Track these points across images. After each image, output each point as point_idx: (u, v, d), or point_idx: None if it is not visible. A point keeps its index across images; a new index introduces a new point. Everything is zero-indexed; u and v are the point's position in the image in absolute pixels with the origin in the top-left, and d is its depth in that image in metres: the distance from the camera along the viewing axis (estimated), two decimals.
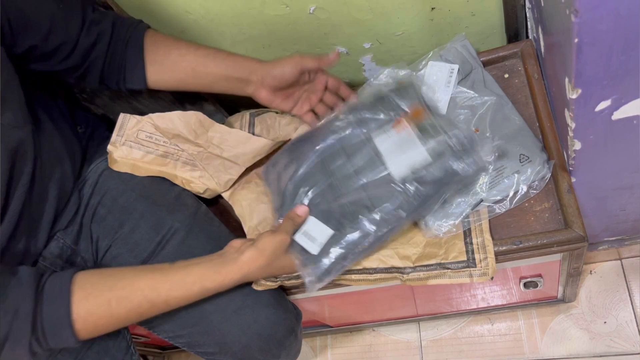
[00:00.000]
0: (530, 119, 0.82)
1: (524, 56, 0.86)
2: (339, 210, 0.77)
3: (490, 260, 0.73)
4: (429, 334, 1.27)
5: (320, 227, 0.77)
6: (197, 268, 0.70)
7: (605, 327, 1.13)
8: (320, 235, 0.76)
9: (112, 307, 0.65)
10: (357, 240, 0.76)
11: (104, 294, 0.65)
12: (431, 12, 0.89)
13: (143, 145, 0.88)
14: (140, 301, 0.67)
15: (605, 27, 0.46)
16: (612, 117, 0.60)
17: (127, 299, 0.66)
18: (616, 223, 0.97)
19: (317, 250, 0.76)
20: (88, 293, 0.65)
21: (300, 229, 0.76)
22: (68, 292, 0.64)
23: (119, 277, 0.68)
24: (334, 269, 0.76)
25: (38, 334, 0.62)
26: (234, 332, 0.79)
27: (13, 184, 0.70)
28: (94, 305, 0.65)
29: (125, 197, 0.84)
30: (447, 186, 0.75)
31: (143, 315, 0.69)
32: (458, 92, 0.86)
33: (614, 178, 0.77)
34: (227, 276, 0.70)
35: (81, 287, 0.65)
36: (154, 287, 0.68)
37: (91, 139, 0.90)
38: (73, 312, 0.63)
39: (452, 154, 0.75)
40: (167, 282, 0.68)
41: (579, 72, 0.52)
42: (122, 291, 0.66)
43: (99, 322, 0.65)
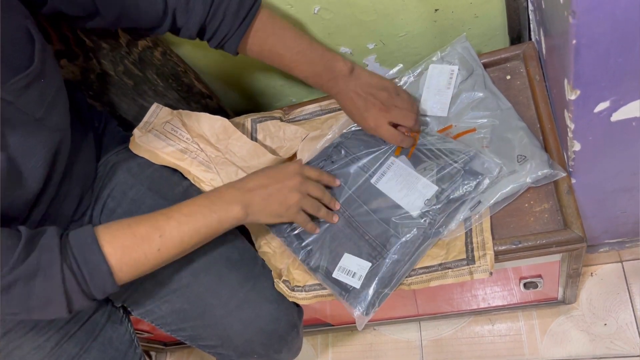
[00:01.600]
0: (531, 121, 0.83)
1: (526, 58, 0.87)
2: (367, 245, 0.80)
3: (489, 256, 0.73)
4: (429, 334, 1.28)
5: (355, 260, 0.79)
6: (201, 196, 0.74)
7: (605, 329, 1.13)
8: (359, 269, 0.78)
9: (131, 227, 0.66)
10: (393, 266, 0.77)
11: (122, 221, 0.67)
12: (434, 13, 0.89)
13: (166, 136, 0.91)
14: (156, 217, 0.68)
15: (603, 29, 0.46)
16: (611, 119, 0.61)
17: (143, 219, 0.68)
18: (616, 225, 0.97)
19: (359, 284, 0.77)
20: (108, 225, 0.66)
21: (337, 266, 0.79)
22: (90, 228, 0.65)
23: (135, 216, 0.70)
24: (378, 300, 0.77)
25: (70, 261, 0.61)
26: (236, 326, 0.80)
27: (47, 184, 0.72)
28: (116, 228, 0.66)
29: (134, 191, 0.85)
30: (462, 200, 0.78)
31: (162, 231, 0.68)
32: (459, 93, 0.87)
33: (614, 180, 0.78)
34: (227, 193, 0.73)
35: (103, 226, 0.66)
36: (165, 208, 0.71)
37: (104, 134, 0.91)
38: (98, 236, 0.63)
39: (455, 173, 0.79)
40: (175, 208, 0.71)
41: (578, 74, 0.53)
42: (139, 217, 0.69)
43: (125, 242, 0.65)
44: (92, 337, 0.81)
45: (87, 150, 0.84)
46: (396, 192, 0.82)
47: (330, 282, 0.80)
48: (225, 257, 0.82)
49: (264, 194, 0.74)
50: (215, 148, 0.91)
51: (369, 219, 0.81)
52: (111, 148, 0.90)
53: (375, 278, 0.77)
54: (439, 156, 0.82)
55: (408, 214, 0.79)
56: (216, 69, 1.05)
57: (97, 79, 0.99)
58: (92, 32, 0.90)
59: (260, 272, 0.84)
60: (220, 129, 0.91)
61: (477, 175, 0.78)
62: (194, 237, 0.70)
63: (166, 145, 0.90)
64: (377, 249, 0.79)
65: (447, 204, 0.78)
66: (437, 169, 0.81)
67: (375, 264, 0.78)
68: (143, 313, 0.84)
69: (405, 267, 0.77)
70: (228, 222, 0.72)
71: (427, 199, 0.79)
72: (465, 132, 0.85)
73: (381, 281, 0.77)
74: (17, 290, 0.57)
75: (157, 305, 0.82)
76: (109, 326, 0.84)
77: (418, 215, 0.79)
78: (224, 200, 0.72)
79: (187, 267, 0.81)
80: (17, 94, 0.62)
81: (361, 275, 0.78)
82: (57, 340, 0.79)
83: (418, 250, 0.78)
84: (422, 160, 0.83)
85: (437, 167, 0.81)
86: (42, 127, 0.67)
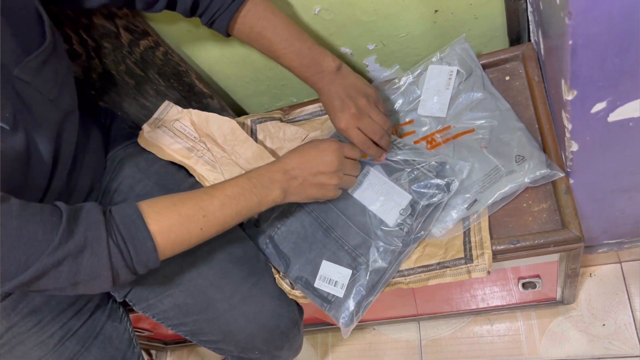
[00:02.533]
0: (530, 121, 0.83)
1: (525, 59, 0.87)
2: (346, 255, 0.81)
3: (487, 255, 0.74)
4: (428, 334, 1.28)
5: (335, 268, 0.80)
6: (241, 176, 0.74)
7: (604, 330, 1.14)
8: (340, 277, 0.79)
9: (176, 205, 0.66)
10: (374, 274, 0.79)
11: (166, 199, 0.67)
12: (434, 14, 0.90)
13: (175, 134, 0.93)
14: (200, 196, 0.68)
15: (599, 30, 0.47)
16: (608, 119, 0.61)
17: (187, 198, 0.68)
18: (615, 226, 0.98)
19: (342, 292, 0.79)
20: (151, 202, 0.66)
21: (317, 275, 0.80)
22: (134, 204, 0.65)
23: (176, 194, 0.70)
24: (361, 308, 0.78)
25: (116, 237, 0.61)
26: (239, 320, 0.80)
27: (58, 167, 0.72)
28: (162, 207, 0.66)
29: (141, 185, 0.86)
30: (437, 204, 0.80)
31: (205, 211, 0.68)
32: (457, 94, 0.88)
33: (612, 180, 0.78)
34: (267, 175, 0.74)
35: (144, 202, 0.66)
36: (209, 186, 0.71)
37: (110, 129, 0.92)
38: (143, 212, 0.64)
39: (427, 180, 0.82)
40: (222, 185, 0.71)
41: (574, 74, 0.54)
42: (181, 195, 0.68)
43: (170, 220, 0.65)
44: (93, 335, 0.82)
45: (95, 141, 0.84)
46: (373, 201, 0.83)
47: (311, 293, 0.81)
48: (229, 252, 0.83)
49: (303, 178, 0.75)
50: (222, 148, 0.93)
51: (348, 229, 0.83)
52: (118, 143, 0.91)
53: (357, 286, 0.78)
54: (411, 165, 0.83)
55: (385, 224, 0.81)
56: (217, 69, 1.05)
57: (99, 78, 1.00)
58: (94, 32, 0.91)
59: (263, 268, 0.85)
60: (228, 130, 0.93)
61: (448, 178, 0.80)
62: (235, 218, 0.71)
63: (174, 142, 0.92)
64: (357, 259, 0.81)
65: (422, 211, 0.79)
66: (410, 178, 0.82)
67: (356, 273, 0.79)
68: (145, 307, 0.84)
69: (387, 275, 0.79)
70: (267, 205, 0.73)
71: (402, 208, 0.81)
72: (464, 132, 0.85)
73: (364, 289, 0.78)
74: (66, 267, 0.58)
75: (160, 300, 0.82)
76: (109, 324, 0.85)
77: (395, 225, 0.80)
78: (265, 183, 0.73)
79: (190, 262, 0.82)
80: (34, 74, 0.62)
81: (343, 284, 0.79)
82: (60, 337, 0.79)
83: (399, 258, 0.79)
84: (395, 170, 0.84)
85: (409, 177, 0.82)
86: (55, 108, 0.68)
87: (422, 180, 0.81)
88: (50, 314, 0.79)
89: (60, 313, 0.80)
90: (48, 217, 0.57)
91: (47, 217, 0.57)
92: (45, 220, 0.57)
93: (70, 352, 0.80)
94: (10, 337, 0.78)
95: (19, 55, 0.60)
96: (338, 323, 0.78)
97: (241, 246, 0.86)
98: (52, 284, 0.58)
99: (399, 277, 0.79)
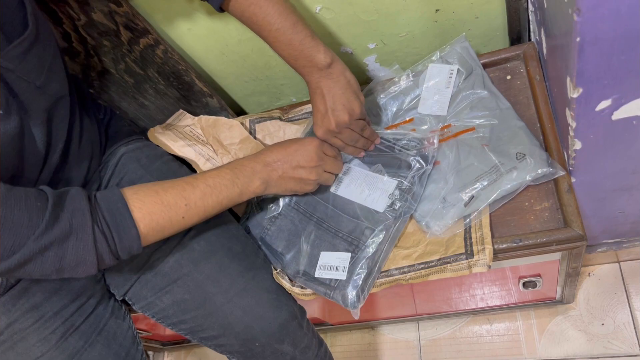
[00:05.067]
0: (531, 120, 0.84)
1: (526, 58, 0.87)
2: (342, 242, 0.83)
3: (487, 250, 0.74)
4: (427, 334, 1.28)
5: (334, 255, 0.82)
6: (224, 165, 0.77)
7: (602, 329, 1.14)
8: (340, 261, 0.81)
9: (159, 194, 0.68)
10: (374, 251, 0.80)
11: (149, 187, 0.69)
12: (435, 14, 0.90)
13: (184, 135, 0.97)
14: (182, 186, 0.71)
15: (607, 27, 0.47)
16: (612, 117, 0.61)
17: (170, 187, 0.70)
18: (615, 225, 0.98)
19: (344, 275, 0.80)
20: (135, 190, 0.68)
21: (316, 266, 0.82)
22: (118, 190, 0.66)
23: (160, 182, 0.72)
24: (367, 285, 0.79)
25: (100, 223, 0.62)
26: (236, 313, 0.80)
27: (49, 153, 0.72)
28: (144, 194, 0.67)
29: (143, 182, 0.85)
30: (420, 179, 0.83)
31: (187, 200, 0.70)
32: (458, 92, 0.88)
33: (613, 179, 0.78)
34: (248, 166, 0.76)
35: (128, 189, 0.67)
36: (191, 176, 0.74)
37: (109, 126, 0.91)
38: (128, 201, 0.65)
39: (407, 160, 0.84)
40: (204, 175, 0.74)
41: (581, 71, 0.54)
42: (164, 184, 0.70)
43: (153, 208, 0.67)
44: (97, 331, 0.81)
45: (90, 132, 0.84)
46: (358, 195, 0.86)
47: (313, 284, 0.81)
48: (227, 247, 0.83)
49: (283, 171, 0.78)
50: (226, 150, 0.95)
51: (338, 218, 0.85)
52: (119, 138, 0.91)
53: (358, 266, 0.79)
54: (391, 148, 0.87)
55: (375, 211, 0.83)
56: (217, 68, 1.05)
57: (98, 76, 0.99)
58: (93, 30, 0.90)
59: (262, 264, 0.85)
60: (232, 131, 0.97)
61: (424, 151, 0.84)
62: (216, 208, 0.73)
63: (184, 145, 0.96)
64: (353, 242, 0.82)
65: (408, 188, 0.82)
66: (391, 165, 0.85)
67: (355, 255, 0.80)
68: (144, 306, 0.84)
69: (385, 247, 0.80)
70: (248, 195, 0.76)
71: (390, 193, 0.83)
72: (464, 130, 0.85)
73: (366, 267, 0.79)
74: (51, 252, 0.59)
75: (158, 297, 0.82)
76: (112, 321, 0.84)
77: (385, 209, 0.82)
78: (246, 173, 0.76)
79: (188, 257, 0.82)
80: (17, 61, 0.62)
81: (344, 267, 0.80)
82: (62, 333, 0.78)
83: (392, 231, 0.81)
84: (376, 160, 0.87)
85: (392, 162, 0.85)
86: (43, 94, 0.67)
87: (405, 160, 0.84)
88: (52, 310, 0.78)
89: (61, 309, 0.79)
90: (33, 203, 0.58)
91: (32, 203, 0.58)
92: (31, 206, 0.58)
93: (74, 348, 0.79)
94: (11, 333, 0.77)
95: (1, 43, 0.60)
96: (346, 305, 0.79)
97: (240, 242, 0.86)
98: (37, 269, 0.59)
99: (399, 273, 0.79)
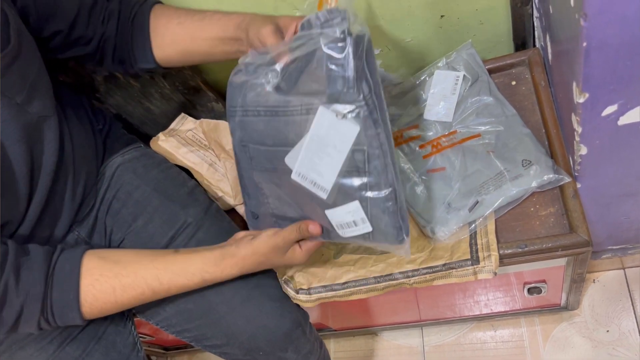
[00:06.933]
0: (536, 126, 0.84)
1: (531, 64, 0.87)
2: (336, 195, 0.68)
3: (494, 257, 0.74)
4: (431, 340, 1.28)
5: (343, 210, 0.67)
6: (198, 259, 0.73)
7: (607, 336, 1.13)
8: (354, 214, 0.67)
9: (116, 294, 0.69)
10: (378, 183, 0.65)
11: (109, 281, 0.69)
12: (440, 19, 0.90)
13: (186, 141, 0.98)
14: (143, 290, 0.71)
15: (613, 32, 0.47)
16: (618, 123, 0.61)
17: (131, 287, 0.70)
18: (620, 231, 0.98)
19: (370, 226, 0.67)
20: (95, 279, 0.68)
21: (334, 228, 0.70)
22: (77, 277, 0.67)
23: (124, 264, 0.71)
24: (398, 219, 0.66)
25: (47, 315, 0.66)
26: (240, 322, 0.80)
27: (37, 173, 0.72)
28: (100, 291, 0.68)
29: (139, 192, 0.85)
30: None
31: (145, 301, 0.72)
32: (464, 99, 0.88)
33: (619, 184, 0.78)
34: (225, 270, 0.74)
35: (89, 271, 0.68)
36: (156, 277, 0.71)
37: (108, 136, 0.91)
38: (81, 297, 0.67)
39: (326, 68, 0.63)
40: (169, 272, 0.72)
41: (587, 76, 0.54)
42: (126, 279, 0.70)
43: (104, 307, 0.70)
44: (95, 340, 0.81)
45: (86, 148, 0.84)
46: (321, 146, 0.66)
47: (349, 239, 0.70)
48: None
49: (261, 265, 0.76)
50: (228, 154, 0.95)
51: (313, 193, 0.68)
52: (116, 150, 0.90)
53: (378, 204, 0.65)
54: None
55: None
56: (223, 72, 1.05)
57: (103, 81, 1.00)
58: None
59: (264, 272, 0.84)
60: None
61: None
62: (175, 293, 0.75)
63: (187, 151, 0.97)
64: (347, 192, 0.66)
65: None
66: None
67: (363, 199, 0.66)
68: (148, 315, 0.84)
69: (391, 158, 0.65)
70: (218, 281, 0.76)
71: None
72: (470, 137, 0.85)
73: (391, 200, 0.65)
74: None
75: (162, 307, 0.82)
76: (112, 329, 0.84)
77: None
78: (222, 276, 0.75)
79: None
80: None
81: (363, 217, 0.66)
82: (59, 343, 0.78)
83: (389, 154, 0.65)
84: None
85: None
86: (24, 113, 0.67)
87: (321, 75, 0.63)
88: None
89: None
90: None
91: None
92: None
93: (71, 358, 0.79)
94: (10, 343, 0.77)
95: None
96: (396, 250, 0.69)
97: None
98: None
99: (403, 277, 0.79)
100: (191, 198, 0.88)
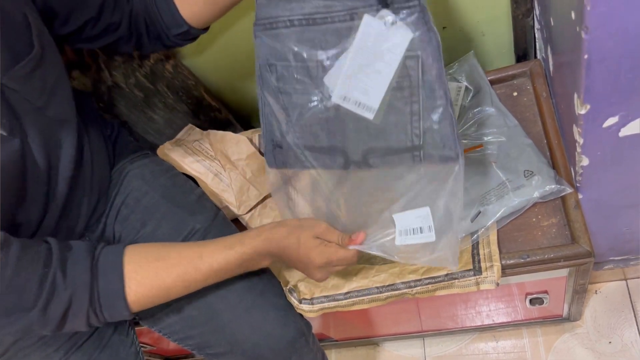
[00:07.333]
0: (538, 136, 0.84)
1: (532, 75, 0.88)
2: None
3: (496, 268, 0.74)
4: (433, 350, 1.27)
5: (412, 215, 0.64)
6: (230, 237, 0.73)
7: (610, 347, 1.13)
8: (423, 220, 0.64)
9: (160, 276, 0.68)
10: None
11: (151, 264, 0.68)
12: (442, 31, 0.91)
13: (193, 151, 0.99)
14: (186, 268, 0.69)
15: (614, 44, 0.48)
16: (619, 134, 0.62)
17: (173, 266, 0.69)
18: (622, 242, 0.98)
19: (434, 235, 0.64)
20: (138, 265, 0.67)
21: (397, 233, 0.66)
22: (120, 266, 0.66)
23: (165, 247, 0.71)
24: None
25: (95, 306, 0.64)
26: (244, 330, 0.80)
27: (54, 178, 0.72)
28: (144, 277, 0.67)
29: (148, 198, 0.86)
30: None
31: (188, 282, 0.70)
32: (466, 110, 0.88)
33: (621, 195, 0.78)
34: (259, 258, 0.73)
35: (131, 259, 0.67)
36: (198, 252, 0.71)
37: (116, 142, 0.92)
38: (125, 285, 0.65)
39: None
40: (209, 247, 0.71)
41: (588, 88, 0.54)
42: (168, 260, 0.69)
43: (150, 293, 0.67)
44: (100, 348, 0.81)
45: (101, 154, 0.84)
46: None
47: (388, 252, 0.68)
48: None
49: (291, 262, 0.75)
50: (233, 165, 0.96)
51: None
52: (125, 156, 0.90)
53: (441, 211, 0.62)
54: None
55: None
56: (226, 82, 1.06)
57: (107, 90, 1.01)
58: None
59: (269, 280, 0.85)
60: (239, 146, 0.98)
61: None
62: (217, 281, 0.74)
63: (193, 160, 0.97)
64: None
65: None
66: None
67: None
68: (151, 322, 0.84)
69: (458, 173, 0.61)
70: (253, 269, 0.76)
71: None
72: (473, 148, 0.86)
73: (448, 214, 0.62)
74: (50, 324, 0.63)
75: (166, 313, 0.82)
76: (115, 337, 0.84)
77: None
78: (254, 262, 0.74)
79: None
80: (22, 82, 0.62)
81: (430, 225, 0.63)
82: (65, 351, 0.78)
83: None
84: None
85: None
86: (43, 116, 0.67)
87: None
88: None
89: None
90: (40, 270, 0.60)
91: (39, 269, 0.60)
92: (37, 272, 0.60)
93: None
94: (16, 350, 0.77)
95: (7, 63, 0.61)
96: (448, 266, 0.66)
97: None
98: (35, 333, 0.64)
99: (406, 287, 0.79)
100: (199, 205, 0.88)
